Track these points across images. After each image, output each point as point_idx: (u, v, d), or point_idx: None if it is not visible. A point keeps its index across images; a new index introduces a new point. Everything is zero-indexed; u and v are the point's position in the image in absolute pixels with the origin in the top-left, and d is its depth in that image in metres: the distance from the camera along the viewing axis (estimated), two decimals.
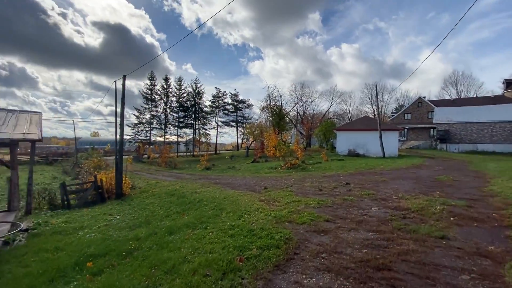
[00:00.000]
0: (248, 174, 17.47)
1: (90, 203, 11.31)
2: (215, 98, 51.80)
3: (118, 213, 8.91)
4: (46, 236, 6.89)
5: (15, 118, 7.06)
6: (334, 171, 15.44)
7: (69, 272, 4.62)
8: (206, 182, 14.16)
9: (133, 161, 37.62)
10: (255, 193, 9.88)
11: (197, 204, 8.64)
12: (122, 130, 12.69)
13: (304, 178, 13.02)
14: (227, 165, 25.81)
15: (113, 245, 5.67)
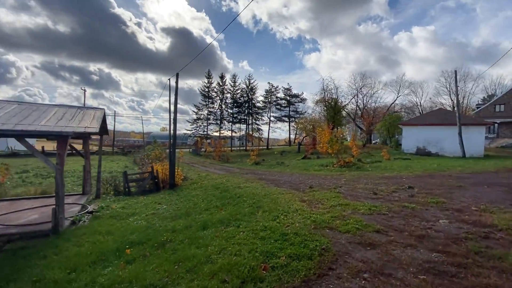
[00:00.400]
0: (296, 171, 16.75)
1: (147, 191, 12.39)
2: (268, 93, 51.82)
3: (166, 202, 9.45)
4: (104, 219, 7.68)
5: (82, 114, 8.01)
6: (395, 172, 13.49)
7: (110, 257, 4.92)
8: (252, 177, 14.06)
9: (191, 154, 40.78)
10: (298, 192, 9.23)
11: (236, 199, 8.50)
12: (175, 125, 13.51)
13: (358, 179, 11.68)
14: (276, 160, 25.43)
15: (152, 234, 5.90)
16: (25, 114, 7.17)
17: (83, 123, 7.41)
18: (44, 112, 7.59)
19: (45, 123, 6.83)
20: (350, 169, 15.53)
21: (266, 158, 28.60)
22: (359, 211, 6.41)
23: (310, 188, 9.86)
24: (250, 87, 48.58)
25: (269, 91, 51.84)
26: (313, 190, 9.34)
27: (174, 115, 13.49)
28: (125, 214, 8.16)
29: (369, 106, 43.16)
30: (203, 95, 45.58)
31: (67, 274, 4.29)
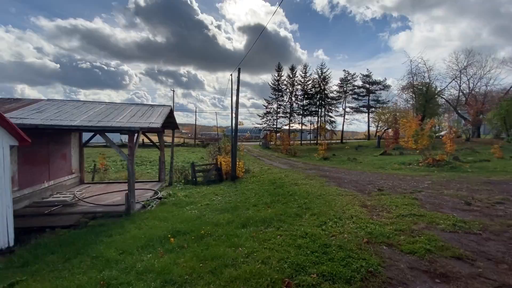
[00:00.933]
0: (368, 169, 14.76)
1: (211, 182, 13.17)
2: (343, 82, 47.85)
3: (222, 194, 9.75)
4: (167, 206, 8.47)
5: (151, 112, 8.99)
6: (509, 176, 10.16)
7: (156, 243, 5.27)
8: (314, 173, 13.12)
9: (261, 147, 41.86)
10: (362, 194, 7.97)
11: (288, 197, 7.97)
12: (236, 120, 13.84)
13: (448, 182, 9.30)
14: (348, 156, 23.21)
15: (197, 225, 6.06)
16: (107, 112, 8.51)
17: (149, 119, 8.27)
18: (122, 111, 8.86)
19: (119, 120, 7.93)
20: (440, 169, 12.63)
21: (337, 153, 26.55)
22: (437, 226, 4.95)
23: (379, 190, 8.39)
24: (322, 77, 45.96)
25: (344, 79, 47.84)
26: (382, 194, 7.89)
27: (236, 110, 13.81)
28: (185, 202, 8.80)
29: (477, 90, 34.27)
30: (273, 88, 45.75)
31: (117, 255, 4.79)
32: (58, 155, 9.96)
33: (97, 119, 7.75)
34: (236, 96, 13.76)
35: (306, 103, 46.42)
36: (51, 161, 9.51)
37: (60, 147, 10.10)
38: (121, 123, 7.73)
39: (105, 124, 7.45)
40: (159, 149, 12.28)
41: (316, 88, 46.15)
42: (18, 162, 7.90)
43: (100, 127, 7.36)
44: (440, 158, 14.03)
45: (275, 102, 46.24)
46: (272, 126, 46.01)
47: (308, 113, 46.99)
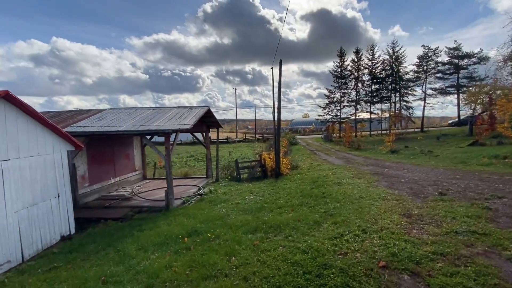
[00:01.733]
0: (444, 164, 12.05)
1: (256, 179, 13.17)
2: (422, 60, 40.52)
3: (257, 192, 9.56)
4: (203, 203, 8.84)
5: (187, 113, 9.51)
6: None
7: (171, 242, 5.51)
8: (369, 170, 11.52)
9: (323, 140, 39.66)
10: (414, 199, 6.49)
11: (319, 199, 7.17)
12: (279, 114, 13.33)
13: None
14: (422, 148, 19.58)
15: (216, 226, 6.07)
16: (151, 117, 9.40)
17: (183, 121, 8.74)
18: (164, 114, 9.64)
19: (157, 123, 8.64)
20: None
21: (411, 145, 22.77)
22: (501, 252, 3.55)
23: (440, 194, 6.69)
24: (394, 57, 40.07)
25: (423, 56, 40.45)
26: (442, 199, 6.25)
27: (278, 104, 13.29)
28: (219, 200, 9.00)
29: None
30: (335, 76, 42.45)
31: (135, 251, 5.22)
32: (122, 155, 11.65)
33: (139, 124, 8.65)
34: (278, 90, 13.24)
35: (375, 89, 41.45)
36: (116, 161, 11.20)
37: (123, 148, 11.79)
38: (158, 126, 8.41)
39: (144, 128, 8.23)
40: (205, 147, 12.96)
41: (387, 71, 40.62)
42: (88, 163, 9.58)
43: (140, 130, 8.17)
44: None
45: (338, 91, 42.90)
46: (336, 117, 42.97)
47: (379, 99, 41.93)
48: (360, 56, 41.38)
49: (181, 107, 10.68)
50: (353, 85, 42.27)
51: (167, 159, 8.38)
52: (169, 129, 7.95)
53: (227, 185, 11.78)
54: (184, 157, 25.63)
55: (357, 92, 42.03)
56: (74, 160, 8.78)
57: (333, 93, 43.28)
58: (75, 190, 8.78)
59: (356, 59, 41.51)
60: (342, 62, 41.80)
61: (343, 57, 41.55)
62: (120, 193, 10.02)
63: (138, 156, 13.06)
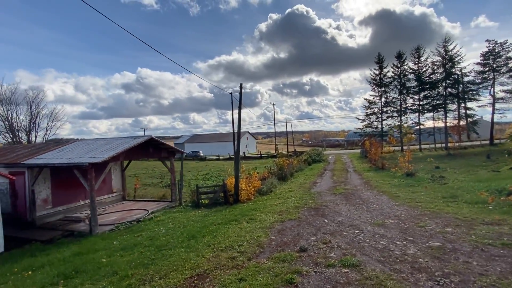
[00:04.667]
0: (427, 199, 9.43)
1: (218, 204, 12.82)
2: (487, 57, 33.00)
3: (178, 223, 9.30)
4: (139, 228, 9.18)
5: (116, 145, 10.14)
6: None
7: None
8: (336, 198, 9.93)
9: (361, 156, 35.68)
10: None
11: (178, 249, 6.58)
12: (238, 138, 12.84)
13: None
14: (435, 172, 15.67)
15: (75, 266, 6.23)
16: (93, 148, 10.43)
17: (100, 154, 9.44)
18: (101, 146, 10.58)
19: (71, 156, 9.58)
20: None
21: (450, 165, 18.51)
22: None
23: (301, 251, 5.32)
24: (448, 57, 33.89)
25: (489, 52, 32.94)
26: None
27: (238, 129, 12.86)
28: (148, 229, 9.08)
29: None
30: (375, 84, 38.33)
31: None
32: (97, 179, 13.10)
33: (78, 156, 9.72)
34: (238, 113, 12.86)
35: (424, 96, 35.60)
36: None
37: (96, 173, 13.26)
38: (63, 159, 9.37)
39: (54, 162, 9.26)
40: (170, 171, 13.44)
41: (440, 74, 34.54)
42: (51, 188, 11.16)
43: (57, 163, 9.21)
44: None
45: (379, 100, 38.50)
46: (376, 129, 38.37)
47: (430, 108, 35.82)
48: (403, 60, 36.56)
49: (128, 137, 11.51)
50: (398, 93, 37.32)
51: (91, 190, 9.09)
52: (75, 163, 8.72)
53: (179, 211, 11.86)
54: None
55: (401, 101, 36.85)
56: (34, 186, 10.42)
57: (373, 103, 39.15)
58: (33, 212, 10.34)
59: (399, 64, 36.78)
60: (381, 69, 37.66)
61: (381, 63, 37.44)
62: (76, 215, 11.27)
63: (117, 179, 14.46)
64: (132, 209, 12.31)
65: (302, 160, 29.75)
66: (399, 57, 36.59)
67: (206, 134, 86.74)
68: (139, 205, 13.13)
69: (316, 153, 32.84)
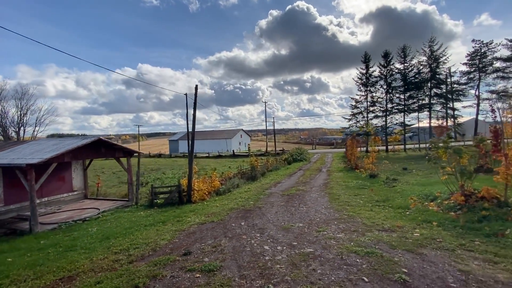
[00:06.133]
0: (365, 202, 9.57)
1: (173, 204, 13.03)
2: (473, 57, 32.75)
3: (119, 222, 9.56)
4: (77, 227, 9.44)
5: (61, 146, 10.36)
6: None
7: None
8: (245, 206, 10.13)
9: (343, 155, 35.68)
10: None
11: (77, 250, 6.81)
12: (193, 138, 13.03)
13: None
14: (392, 175, 15.75)
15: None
16: (39, 149, 10.66)
17: (37, 155, 9.65)
18: (46, 147, 10.80)
19: (15, 156, 9.81)
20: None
21: (415, 166, 18.52)
22: None
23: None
24: (434, 57, 33.68)
25: (475, 53, 32.69)
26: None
27: (193, 129, 13.03)
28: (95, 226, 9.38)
29: None
30: (361, 83, 38.21)
31: None
32: (53, 178, 13.38)
33: (15, 157, 9.96)
34: (193, 114, 13.02)
35: (409, 96, 35.46)
36: (44, 184, 12.94)
37: (56, 171, 13.53)
38: (12, 159, 9.58)
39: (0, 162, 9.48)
40: (126, 171, 13.67)
41: (424, 74, 34.35)
42: (3, 186, 11.45)
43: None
44: (488, 195, 6.91)
45: (365, 100, 38.41)
46: (363, 129, 38.30)
47: (416, 108, 35.71)
48: (389, 60, 36.37)
49: (77, 138, 11.75)
50: (385, 93, 37.21)
51: (30, 191, 9.35)
52: (14, 164, 8.97)
53: (130, 211, 12.10)
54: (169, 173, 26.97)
55: (387, 101, 36.75)
56: None
57: (359, 102, 39.08)
58: None
59: (385, 63, 36.60)
60: (367, 68, 37.51)
61: (368, 62, 37.26)
62: (27, 213, 11.55)
63: (79, 178, 14.74)
64: (85, 208, 12.57)
65: (282, 159, 29.90)
66: (386, 57, 36.39)
67: (202, 131, 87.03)
68: (96, 204, 13.40)
69: (298, 152, 32.90)
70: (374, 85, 37.27)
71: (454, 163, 7.86)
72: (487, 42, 31.45)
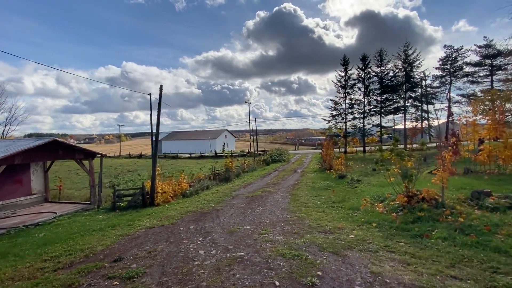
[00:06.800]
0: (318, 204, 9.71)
1: (136, 206, 12.73)
2: (445, 62, 34.13)
3: (68, 228, 9.24)
4: (26, 233, 9.01)
5: (13, 147, 9.91)
6: None
7: None
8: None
9: (320, 157, 36.24)
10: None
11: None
12: (157, 140, 12.81)
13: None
14: (359, 176, 16.16)
15: None
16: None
17: None
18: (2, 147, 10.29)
19: None
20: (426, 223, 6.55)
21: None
22: None
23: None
24: (408, 61, 34.80)
25: (446, 58, 34.07)
26: None
27: (157, 130, 12.81)
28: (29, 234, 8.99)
29: None
30: (340, 86, 38.94)
31: None
32: (8, 180, 12.77)
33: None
34: (157, 114, 12.79)
35: (385, 98, 36.48)
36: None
37: (12, 174, 12.92)
38: None
39: None
40: (88, 174, 13.25)
41: (400, 78, 35.44)
42: None
43: None
44: (428, 196, 7.18)
45: (344, 102, 39.17)
46: (342, 130, 39.06)
47: (392, 110, 36.75)
48: (367, 63, 37.26)
49: (30, 139, 11.31)
50: (363, 95, 38.08)
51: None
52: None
53: (89, 214, 11.70)
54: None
55: (365, 103, 37.65)
56: None
57: (339, 103, 39.80)
58: None
59: (363, 66, 37.47)
60: (346, 71, 38.27)
61: (346, 65, 38.02)
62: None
63: (38, 180, 14.13)
64: (43, 212, 12.07)
65: (260, 160, 29.96)
66: (364, 60, 37.26)
67: (186, 131, 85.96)
68: (56, 207, 12.89)
69: (278, 153, 33.09)
70: (353, 87, 38.09)
71: (399, 166, 8.09)
72: (457, 48, 32.91)
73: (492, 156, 12.51)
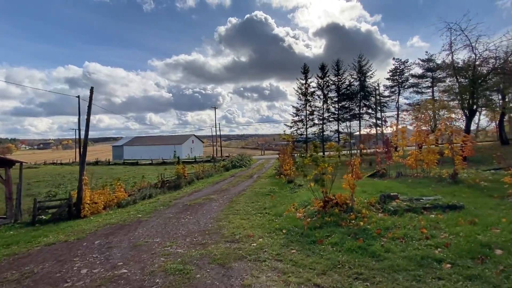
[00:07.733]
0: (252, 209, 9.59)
1: (61, 219, 11.60)
2: (394, 73, 36.89)
3: None
4: None
5: None
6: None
7: None
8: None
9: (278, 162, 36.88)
10: None
11: None
12: (85, 145, 11.90)
13: None
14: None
15: None
16: None
17: None
18: None
19: None
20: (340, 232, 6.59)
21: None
22: None
23: None
24: (362, 71, 37.00)
25: (395, 70, 36.85)
26: None
27: (85, 135, 11.90)
28: None
29: None
30: (300, 93, 40.16)
31: None
32: None
33: None
34: (87, 119, 11.89)
35: (342, 106, 38.32)
36: None
37: None
38: None
39: None
40: (4, 185, 11.84)
41: (355, 87, 37.51)
42: None
43: None
44: (340, 201, 7.45)
45: (305, 109, 40.41)
46: (301, 136, 40.17)
47: (349, 117, 38.62)
48: (325, 72, 38.92)
49: None
50: (322, 103, 39.61)
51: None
52: None
53: (7, 229, 10.42)
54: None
55: (325, 110, 39.17)
56: None
57: (301, 111, 40.95)
58: None
59: (322, 75, 39.08)
60: (306, 79, 39.62)
61: (306, 73, 39.40)
62: None
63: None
64: None
65: (220, 166, 29.53)
66: (322, 69, 38.91)
67: (150, 136, 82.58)
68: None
69: (239, 158, 32.97)
70: (312, 95, 39.49)
71: (315, 171, 8.29)
72: (404, 60, 35.81)
73: (418, 161, 13.50)
